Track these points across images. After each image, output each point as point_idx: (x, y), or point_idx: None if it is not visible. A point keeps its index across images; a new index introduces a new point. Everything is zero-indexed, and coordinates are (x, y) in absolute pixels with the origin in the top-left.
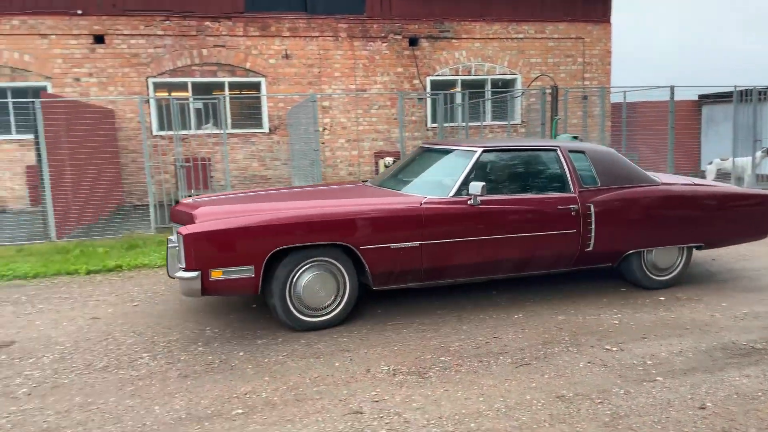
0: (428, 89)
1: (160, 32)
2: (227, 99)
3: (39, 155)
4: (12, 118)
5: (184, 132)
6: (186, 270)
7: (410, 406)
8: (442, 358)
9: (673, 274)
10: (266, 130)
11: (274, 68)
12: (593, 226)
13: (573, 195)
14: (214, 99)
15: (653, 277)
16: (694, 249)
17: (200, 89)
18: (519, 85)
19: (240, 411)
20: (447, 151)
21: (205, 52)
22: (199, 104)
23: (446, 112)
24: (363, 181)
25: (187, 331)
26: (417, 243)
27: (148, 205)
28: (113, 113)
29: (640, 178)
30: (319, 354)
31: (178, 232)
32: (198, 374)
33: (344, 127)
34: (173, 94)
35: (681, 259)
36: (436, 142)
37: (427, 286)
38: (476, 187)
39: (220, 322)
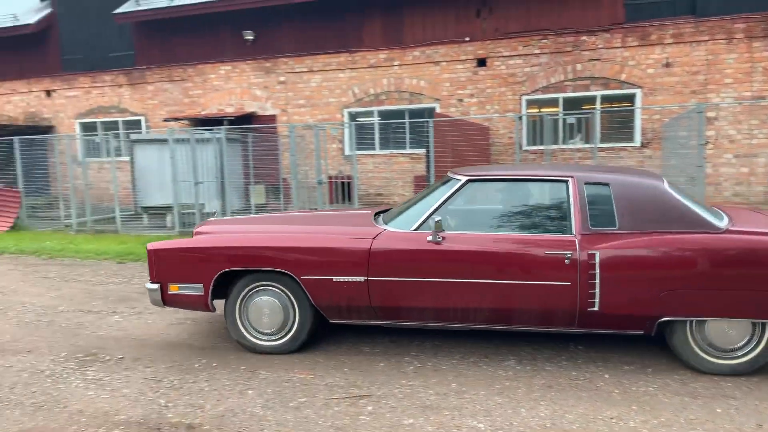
0: None
1: (536, 51)
2: (598, 113)
3: (428, 166)
4: (407, 136)
5: (553, 146)
6: (150, 282)
7: None
8: None
9: (745, 358)
10: (638, 144)
11: (651, 78)
12: (597, 280)
13: (571, 238)
14: (586, 113)
15: (707, 357)
16: None
17: (570, 104)
18: None
19: None
20: (446, 180)
21: (579, 66)
22: (572, 119)
23: None
24: (381, 212)
25: (551, 343)
26: (362, 278)
27: None
28: (488, 129)
29: (690, 222)
30: (696, 395)
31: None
32: (562, 387)
33: (732, 140)
34: (543, 109)
35: (757, 338)
36: (466, 169)
37: (394, 326)
38: (432, 221)
39: (584, 340)
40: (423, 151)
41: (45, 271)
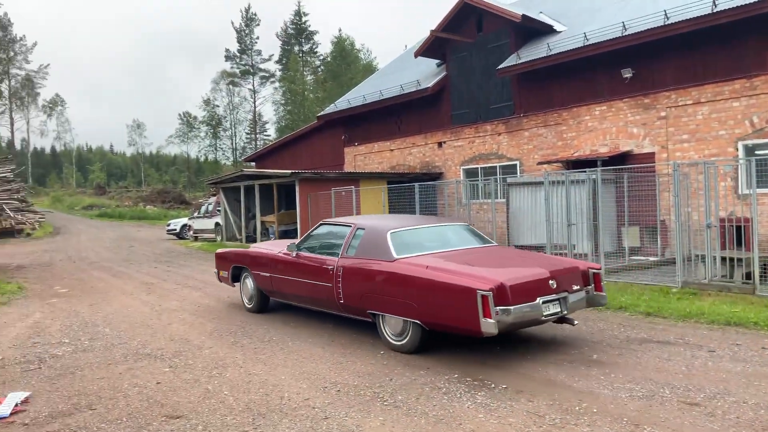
0: None
1: None
2: None
3: None
4: None
5: None
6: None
7: None
8: None
9: (404, 341)
10: None
11: None
12: (341, 283)
13: (336, 259)
14: None
15: (389, 339)
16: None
17: None
18: None
19: None
20: (319, 225)
21: None
22: None
23: None
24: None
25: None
26: (268, 274)
27: None
28: None
29: (381, 253)
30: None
31: None
32: None
33: None
34: None
35: (408, 330)
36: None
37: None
38: (292, 246)
39: None
40: None
41: None
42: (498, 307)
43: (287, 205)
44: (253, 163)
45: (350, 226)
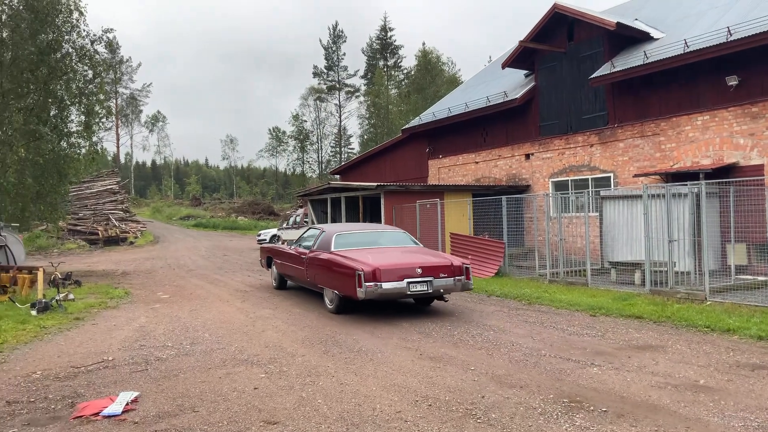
0: None
1: None
2: None
3: None
4: None
5: None
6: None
7: None
8: None
9: (334, 305)
10: None
11: None
12: (306, 268)
13: (308, 251)
14: None
15: (329, 306)
16: None
17: None
18: None
19: None
20: (309, 228)
21: None
22: None
23: None
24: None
25: None
26: (281, 261)
27: None
28: None
29: (323, 247)
30: None
31: None
32: None
33: None
34: None
35: (337, 298)
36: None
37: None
38: (290, 242)
39: None
40: None
41: (525, 316)
42: (370, 282)
43: (372, 217)
44: (338, 176)
45: (320, 230)
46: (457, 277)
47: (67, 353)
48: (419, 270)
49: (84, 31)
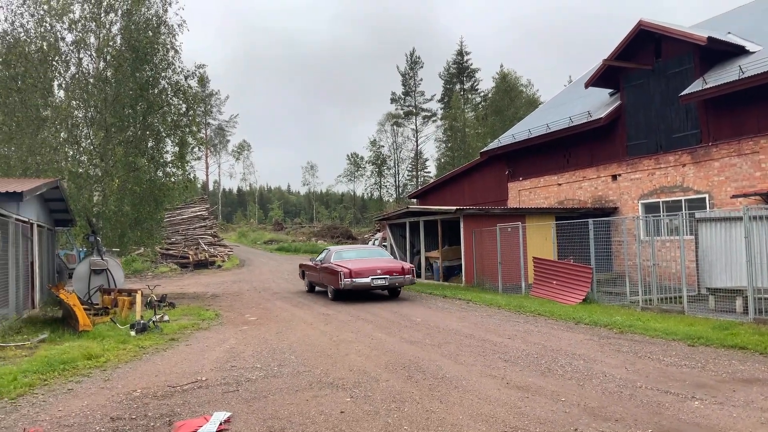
0: None
1: None
2: None
3: None
4: None
5: None
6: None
7: None
8: None
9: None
10: None
11: None
12: (320, 274)
13: (319, 263)
14: None
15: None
16: None
17: None
18: None
19: None
20: (324, 249)
21: None
22: None
23: None
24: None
25: None
26: (308, 272)
27: None
28: None
29: (328, 261)
30: None
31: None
32: None
33: None
34: None
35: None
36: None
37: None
38: (314, 259)
39: None
40: None
41: (617, 345)
42: (346, 279)
43: (451, 241)
44: (415, 200)
45: (328, 250)
46: (405, 276)
47: (164, 372)
48: (379, 271)
49: (179, 67)
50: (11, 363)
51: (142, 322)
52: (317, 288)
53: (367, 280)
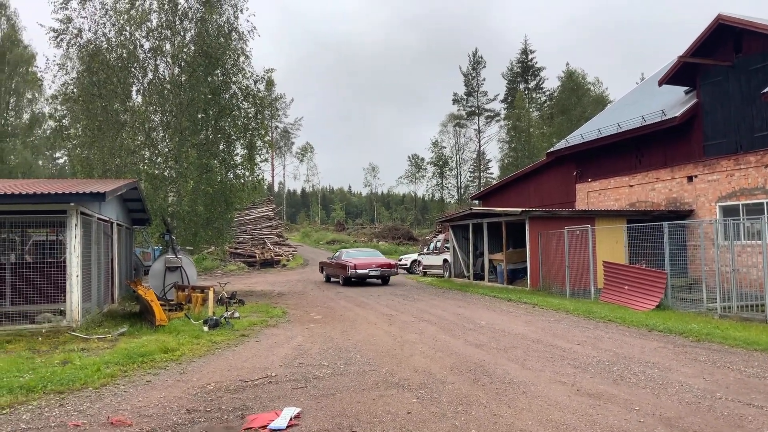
0: None
1: None
2: None
3: None
4: None
5: None
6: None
7: None
8: None
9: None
10: None
11: None
12: (354, 271)
13: (334, 260)
14: None
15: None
16: None
17: None
18: None
19: None
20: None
21: None
22: None
23: None
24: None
25: None
26: (325, 266)
27: None
28: None
29: (340, 258)
30: None
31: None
32: None
33: None
34: None
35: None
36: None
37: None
38: (331, 257)
39: None
40: None
41: (694, 354)
42: (352, 270)
43: (515, 243)
44: (478, 201)
45: (341, 251)
46: (392, 269)
47: (236, 367)
48: (374, 265)
49: (248, 72)
50: (94, 354)
51: (214, 318)
52: (332, 279)
53: (366, 271)
